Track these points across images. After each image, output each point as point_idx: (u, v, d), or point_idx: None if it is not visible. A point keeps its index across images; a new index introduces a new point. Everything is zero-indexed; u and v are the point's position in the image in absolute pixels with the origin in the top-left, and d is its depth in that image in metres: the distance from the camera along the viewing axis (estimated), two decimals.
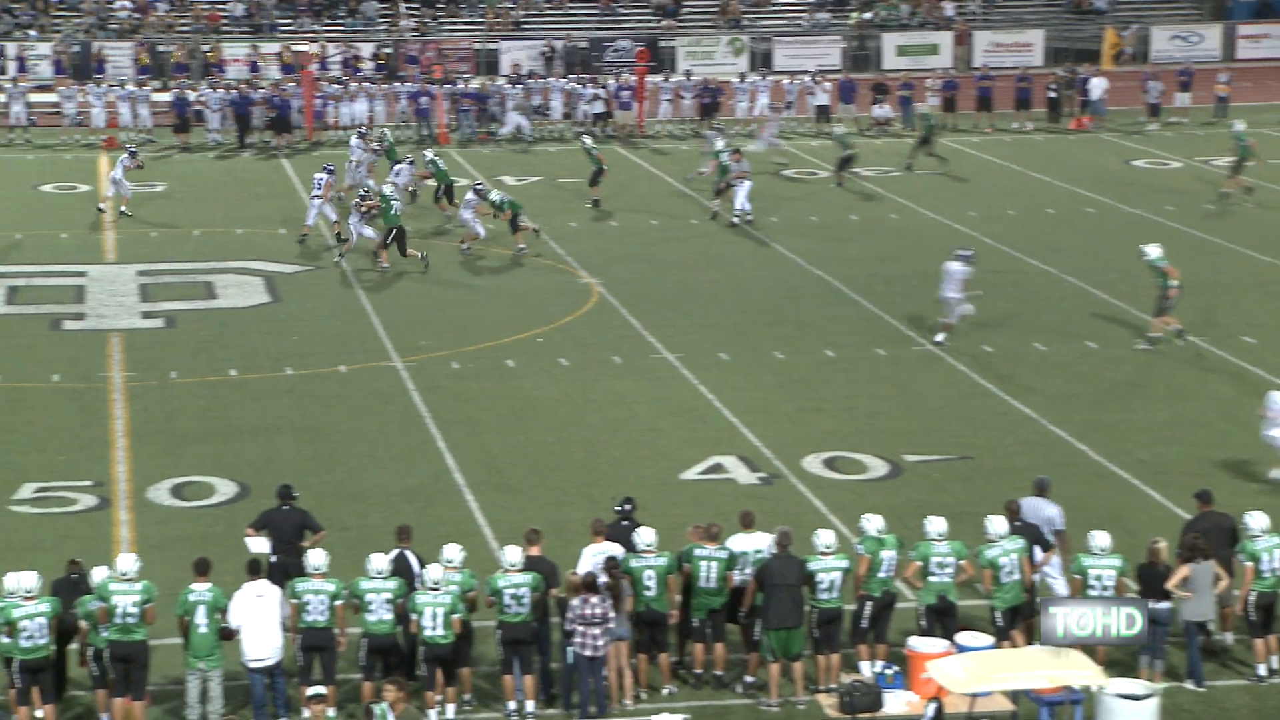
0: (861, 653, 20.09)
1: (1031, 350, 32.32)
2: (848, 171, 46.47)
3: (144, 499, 25.11)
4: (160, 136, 52.10)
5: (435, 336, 33.06)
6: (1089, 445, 27.37)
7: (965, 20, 68.63)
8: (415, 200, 42.69)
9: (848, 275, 37.38)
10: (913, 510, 24.11)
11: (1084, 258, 38.96)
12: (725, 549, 19.96)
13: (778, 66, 63.29)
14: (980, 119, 55.20)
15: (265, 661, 18.88)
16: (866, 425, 28.40)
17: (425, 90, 53.82)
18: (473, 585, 19.38)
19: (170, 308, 35.10)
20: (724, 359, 31.72)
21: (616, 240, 40.86)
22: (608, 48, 64.75)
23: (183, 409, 29.03)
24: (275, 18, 66.06)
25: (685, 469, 26.38)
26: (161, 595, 19.03)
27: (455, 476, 26.06)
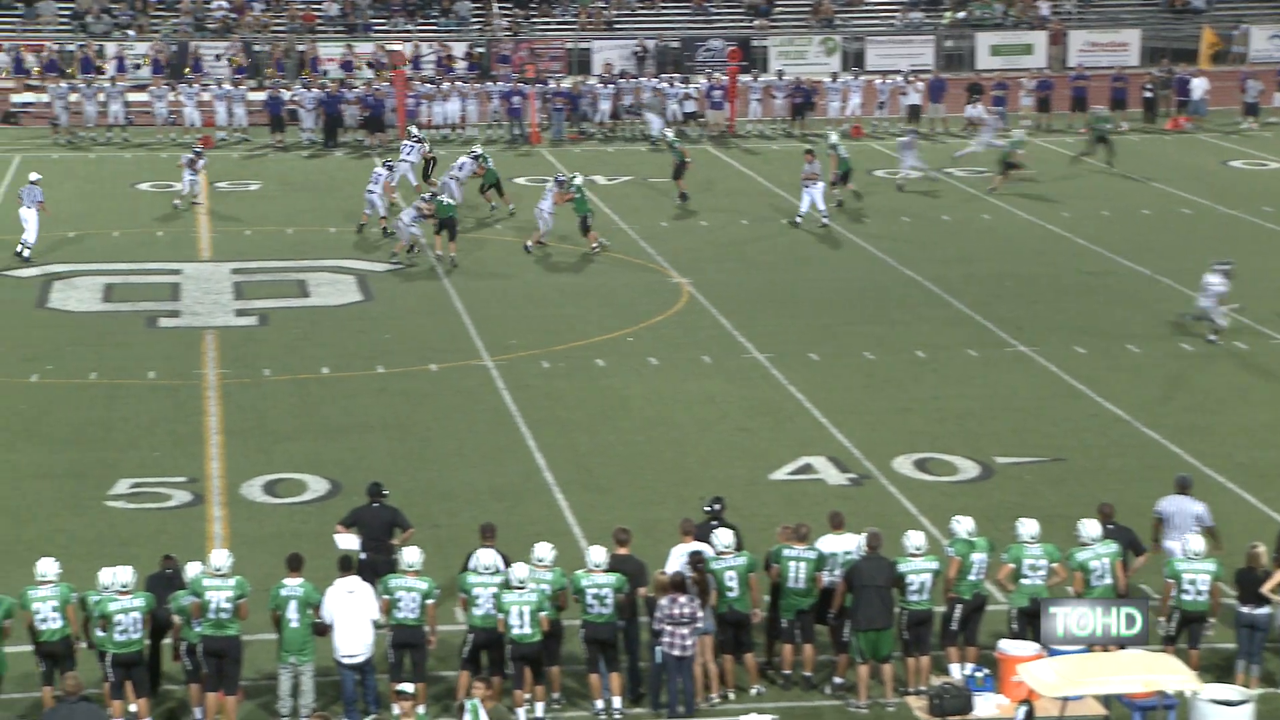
0: (951, 655, 19.98)
1: (1125, 352, 32.03)
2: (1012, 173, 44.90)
3: (237, 495, 25.33)
4: (255, 135, 52.56)
5: (525, 335, 33.16)
6: (1183, 448, 27.09)
7: (1060, 19, 68.10)
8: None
9: (939, 275, 37.17)
10: (1004, 512, 23.93)
11: (1179, 259, 38.55)
12: (814, 549, 19.90)
13: (870, 66, 63.04)
14: (1075, 119, 54.73)
15: (356, 658, 19.00)
16: (957, 426, 28.23)
17: (517, 90, 54.00)
18: (563, 584, 19.42)
19: (264, 305, 35.40)
20: (814, 359, 31.62)
21: (707, 240, 40.83)
22: (700, 47, 64.72)
23: (275, 406, 29.26)
24: (370, 17, 66.47)
25: (774, 469, 26.33)
26: (254, 591, 19.20)
27: (545, 475, 26.13)
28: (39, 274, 37.50)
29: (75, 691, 17.12)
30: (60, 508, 24.85)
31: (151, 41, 61.90)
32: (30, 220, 38.41)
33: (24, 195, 38.80)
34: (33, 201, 38.47)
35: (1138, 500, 24.44)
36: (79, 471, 26.24)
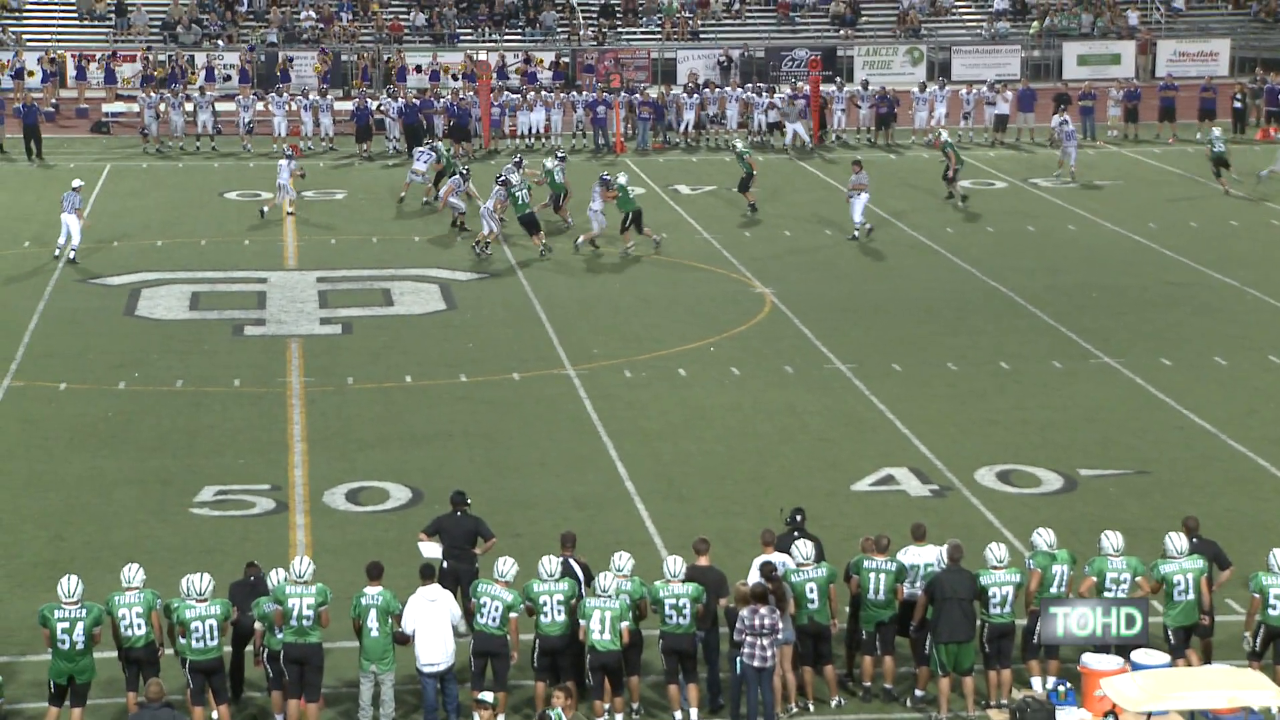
0: (1033, 668, 19.85)
1: (1212, 364, 31.73)
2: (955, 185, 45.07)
3: (320, 503, 25.50)
4: (341, 145, 52.94)
5: (608, 345, 33.23)
6: (1270, 461, 26.80)
7: (1149, 29, 67.59)
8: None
9: (1023, 286, 36.95)
10: (1087, 525, 23.76)
11: (1268, 270, 38.18)
12: (894, 561, 19.83)
13: (956, 76, 62.80)
14: (1163, 129, 54.29)
15: (438, 666, 19.07)
16: (1040, 438, 28.05)
17: (602, 99, 54.13)
18: (642, 594, 19.43)
19: (348, 314, 35.64)
20: (896, 369, 31.51)
21: (789, 249, 40.77)
22: (785, 57, 64.67)
23: (359, 414, 29.45)
24: (456, 27, 66.84)
25: (856, 480, 26.25)
26: (336, 598, 19.32)
27: (626, 485, 26.16)
28: (127, 282, 37.92)
29: (158, 698, 17.28)
30: (146, 514, 25.10)
31: (240, 51, 62.52)
32: (72, 225, 39.38)
33: (65, 202, 39.74)
34: (72, 209, 39.48)
35: (1224, 514, 24.29)
36: (164, 478, 26.50)
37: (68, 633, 18.53)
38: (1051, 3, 69.09)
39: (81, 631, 18.53)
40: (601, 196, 39.72)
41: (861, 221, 41.08)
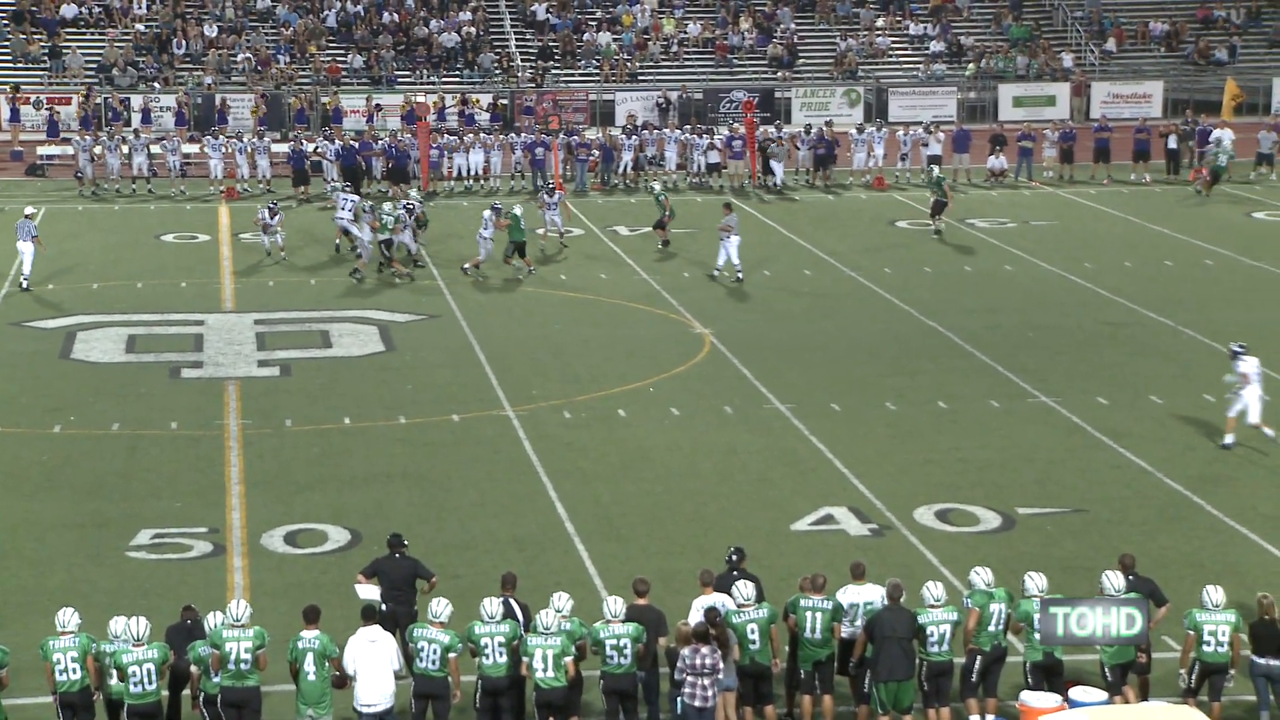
0: (971, 707, 19.89)
1: (1148, 403, 31.96)
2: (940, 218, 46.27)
3: (258, 545, 25.35)
4: (279, 187, 52.80)
5: (547, 385, 33.21)
6: (1205, 499, 27.00)
7: (1083, 71, 68.25)
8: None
9: (960, 326, 37.16)
10: (1025, 563, 23.81)
11: (1203, 310, 38.53)
12: (831, 599, 19.86)
13: (893, 117, 63.21)
14: (1098, 170, 54.79)
15: (377, 707, 18.97)
16: (978, 477, 28.18)
17: (540, 141, 54.22)
18: (582, 634, 19.40)
19: (286, 356, 35.51)
20: (835, 409, 31.61)
21: (728, 290, 40.87)
22: (723, 98, 64.96)
23: (297, 456, 29.32)
24: (394, 69, 66.84)
25: (796, 519, 26.29)
26: (275, 641, 19.21)
27: (566, 525, 26.13)
28: (62, 325, 37.67)
29: None
30: (81, 558, 24.89)
31: (176, 94, 62.30)
32: (26, 253, 40.43)
33: (19, 229, 40.69)
34: (28, 235, 40.48)
35: (1159, 551, 24.45)
36: (100, 522, 26.29)
37: None
38: (987, 46, 69.69)
39: None
40: (494, 224, 41.44)
41: (736, 264, 41.13)
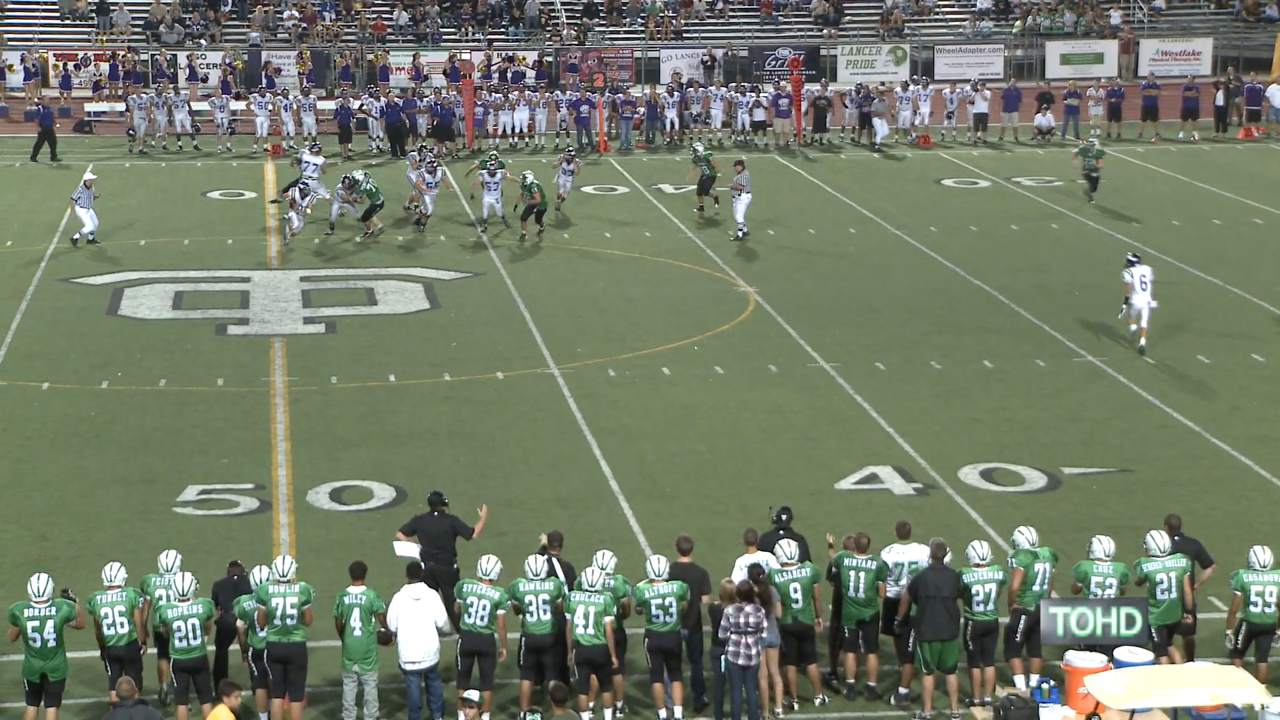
0: (1016, 666, 19.88)
1: (1195, 363, 31.78)
2: (709, 194, 43.58)
3: (303, 502, 25.48)
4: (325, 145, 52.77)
5: (592, 344, 33.22)
6: (1253, 459, 26.87)
7: (1131, 28, 67.69)
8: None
9: (1007, 285, 37.00)
10: (1070, 524, 23.82)
11: (1251, 269, 38.28)
12: (875, 559, 19.85)
13: (939, 75, 62.85)
14: (1145, 128, 54.40)
15: (420, 664, 19.06)
16: (1024, 437, 28.09)
17: (585, 99, 54.10)
18: (625, 591, 19.44)
19: (331, 313, 35.60)
20: (880, 368, 31.54)
21: (774, 248, 40.77)
22: (768, 56, 64.69)
23: (342, 414, 29.42)
24: (439, 26, 66.77)
25: (840, 479, 26.27)
26: (320, 597, 19.31)
27: (610, 484, 26.16)
28: (110, 281, 37.85)
29: (129, 695, 17.29)
30: (129, 514, 25.05)
31: (223, 51, 62.39)
32: (88, 221, 40.78)
33: (79, 198, 40.77)
34: (89, 204, 40.77)
35: (1206, 512, 24.35)
36: (148, 478, 26.45)
37: (38, 630, 18.51)
38: (1034, 2, 69.15)
39: (52, 629, 18.49)
40: (344, 196, 41.47)
41: (740, 222, 40.88)
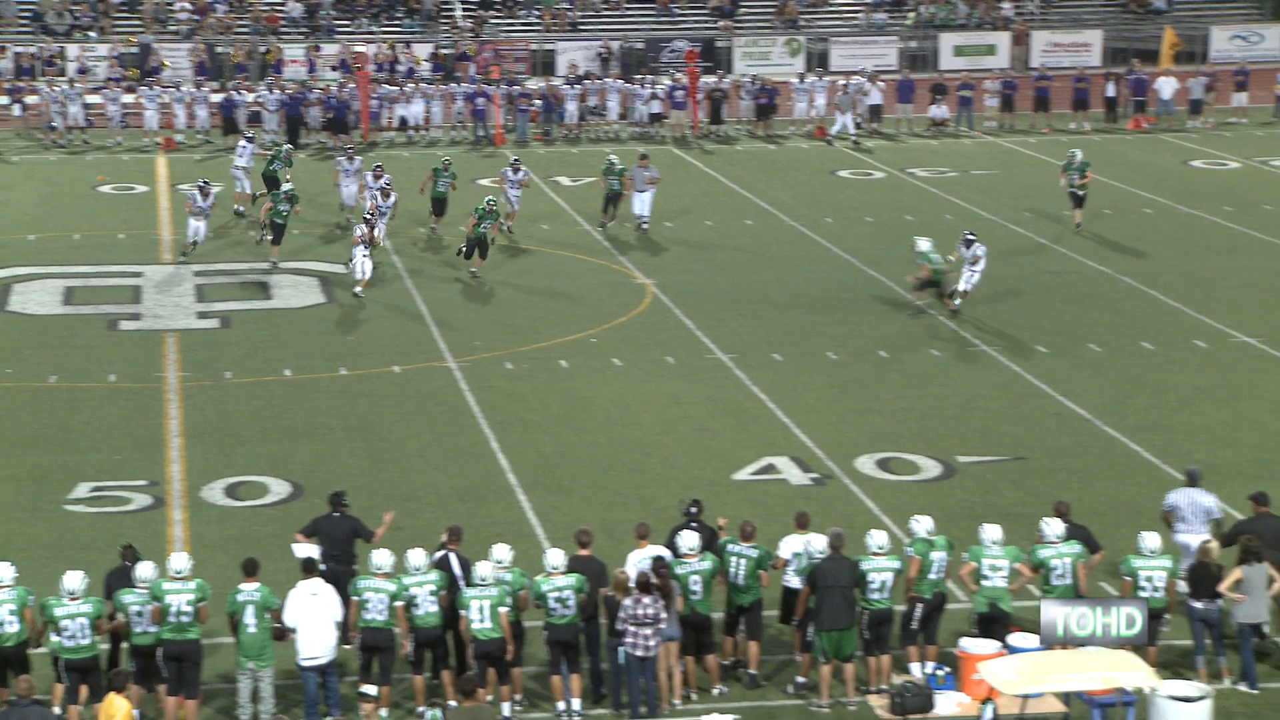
0: (912, 654, 20.03)
1: (1087, 351, 32.14)
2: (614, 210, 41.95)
3: (198, 498, 25.26)
4: (217, 138, 52.40)
5: (489, 337, 33.14)
6: (1143, 446, 27.21)
7: (1023, 20, 68.31)
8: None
9: (902, 276, 37.18)
10: (965, 511, 24.03)
11: (1141, 258, 38.75)
12: (758, 547, 19.96)
13: (834, 67, 63.17)
14: (1038, 119, 54.93)
15: (318, 660, 18.95)
16: (919, 426, 28.30)
17: (481, 91, 53.94)
18: (523, 584, 19.43)
19: (226, 308, 35.30)
20: (777, 359, 31.67)
21: (671, 240, 40.82)
22: (664, 48, 64.75)
23: (237, 409, 29.19)
24: (333, 19, 66.33)
25: (738, 469, 26.36)
26: (216, 594, 19.15)
27: (508, 477, 26.12)
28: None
29: (26, 694, 17.08)
30: (19, 511, 24.74)
31: (112, 43, 61.66)
32: None
33: None
34: None
35: (1098, 499, 24.63)
36: (38, 475, 26.13)
37: None
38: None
39: None
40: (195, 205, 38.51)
41: (639, 215, 40.87)
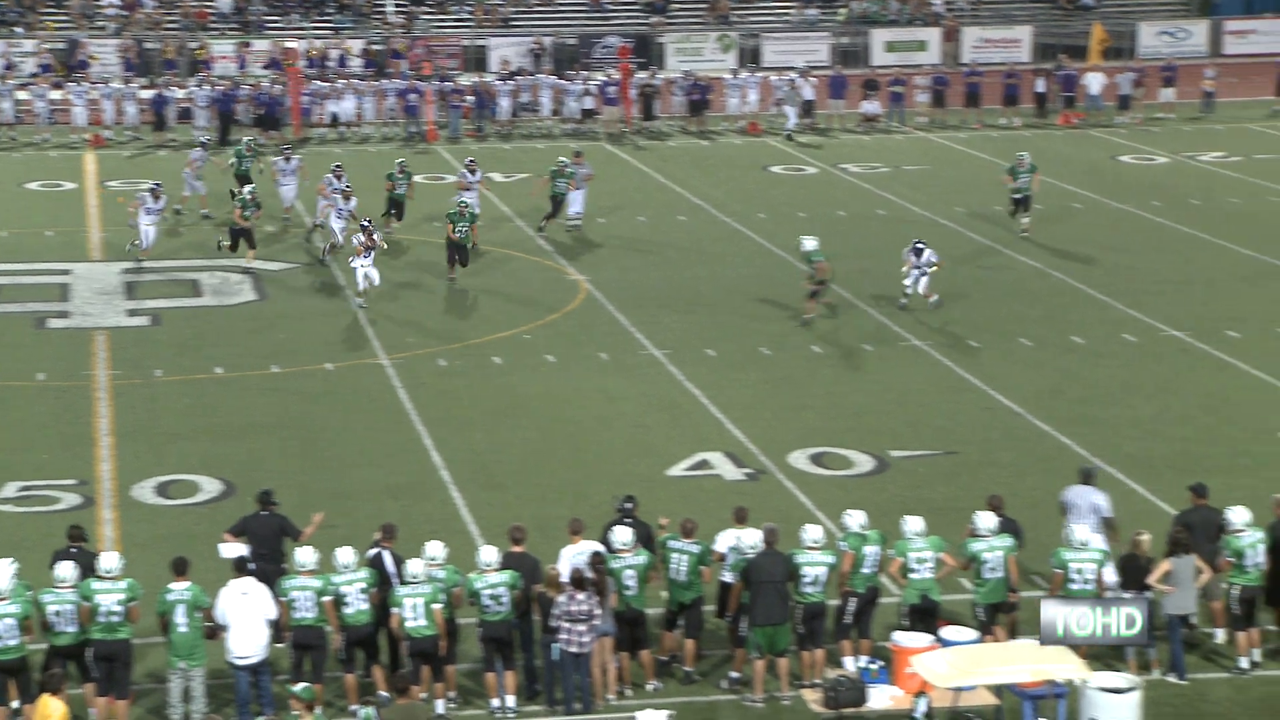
0: (845, 648, 20.11)
1: (1018, 345, 32.34)
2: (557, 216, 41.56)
3: (128, 497, 25.09)
4: (147, 134, 52.05)
5: (422, 334, 33.05)
6: (1074, 440, 27.40)
7: (954, 16, 68.66)
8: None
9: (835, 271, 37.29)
10: (898, 506, 24.10)
11: (1070, 253, 38.99)
12: (699, 543, 19.98)
13: (766, 63, 63.32)
14: (968, 115, 55.22)
15: (249, 659, 18.86)
16: (853, 421, 28.41)
17: (414, 87, 53.76)
18: (456, 581, 19.39)
19: (156, 305, 35.07)
20: (711, 355, 31.71)
21: (604, 236, 40.81)
22: (597, 44, 64.75)
23: (168, 407, 29.00)
24: (264, 14, 65.98)
25: (672, 465, 26.38)
26: (147, 593, 19.02)
27: (441, 474, 26.06)
28: None
29: None
30: None
31: (39, 39, 61.13)
32: None
33: None
34: None
35: (1029, 492, 24.77)
36: None
37: None
38: None
39: None
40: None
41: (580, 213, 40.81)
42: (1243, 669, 20.02)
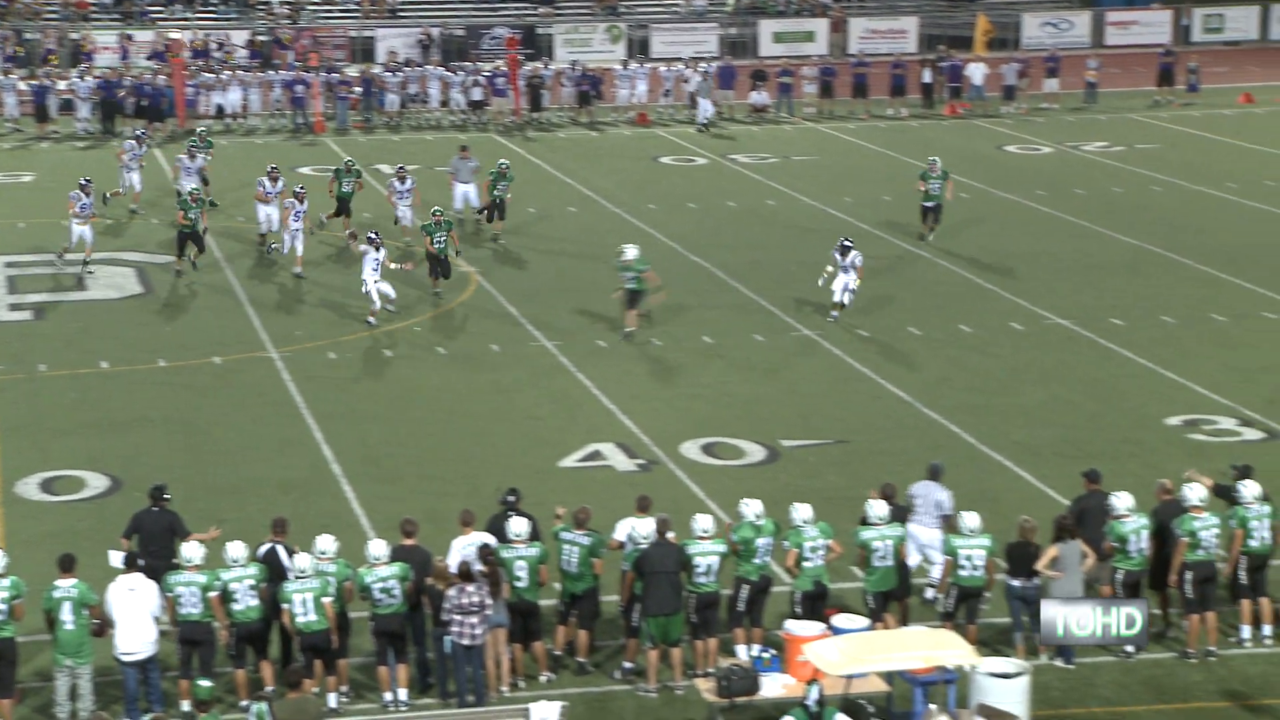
0: (738, 636, 20.19)
1: (906, 334, 32.60)
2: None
3: (12, 494, 24.75)
4: (28, 126, 51.36)
5: (311, 327, 32.83)
6: (962, 428, 27.66)
7: (841, 7, 69.06)
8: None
9: (725, 262, 37.50)
10: (789, 495, 24.17)
11: (956, 241, 39.34)
12: (590, 534, 19.98)
13: (655, 54, 63.38)
14: (856, 105, 55.56)
15: (137, 655, 18.67)
16: (744, 411, 28.52)
17: (300, 78, 53.35)
18: (347, 575, 19.29)
19: (39, 299, 34.60)
20: (602, 346, 31.73)
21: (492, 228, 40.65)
22: (485, 35, 64.55)
23: (52, 402, 28.64)
24: (146, 4, 65.20)
25: (564, 456, 26.38)
26: (32, 591, 18.78)
27: (333, 467, 25.91)
28: None
29: None
30: None
31: None
32: None
33: None
34: None
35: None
36: None
37: None
38: None
39: None
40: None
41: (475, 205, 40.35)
42: (1128, 652, 20.19)
